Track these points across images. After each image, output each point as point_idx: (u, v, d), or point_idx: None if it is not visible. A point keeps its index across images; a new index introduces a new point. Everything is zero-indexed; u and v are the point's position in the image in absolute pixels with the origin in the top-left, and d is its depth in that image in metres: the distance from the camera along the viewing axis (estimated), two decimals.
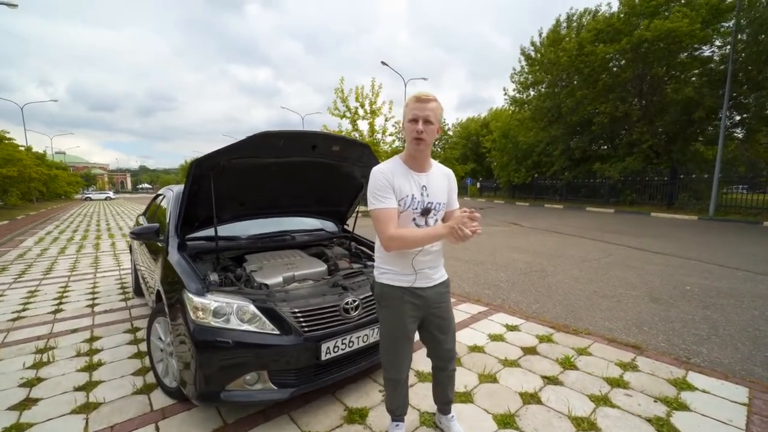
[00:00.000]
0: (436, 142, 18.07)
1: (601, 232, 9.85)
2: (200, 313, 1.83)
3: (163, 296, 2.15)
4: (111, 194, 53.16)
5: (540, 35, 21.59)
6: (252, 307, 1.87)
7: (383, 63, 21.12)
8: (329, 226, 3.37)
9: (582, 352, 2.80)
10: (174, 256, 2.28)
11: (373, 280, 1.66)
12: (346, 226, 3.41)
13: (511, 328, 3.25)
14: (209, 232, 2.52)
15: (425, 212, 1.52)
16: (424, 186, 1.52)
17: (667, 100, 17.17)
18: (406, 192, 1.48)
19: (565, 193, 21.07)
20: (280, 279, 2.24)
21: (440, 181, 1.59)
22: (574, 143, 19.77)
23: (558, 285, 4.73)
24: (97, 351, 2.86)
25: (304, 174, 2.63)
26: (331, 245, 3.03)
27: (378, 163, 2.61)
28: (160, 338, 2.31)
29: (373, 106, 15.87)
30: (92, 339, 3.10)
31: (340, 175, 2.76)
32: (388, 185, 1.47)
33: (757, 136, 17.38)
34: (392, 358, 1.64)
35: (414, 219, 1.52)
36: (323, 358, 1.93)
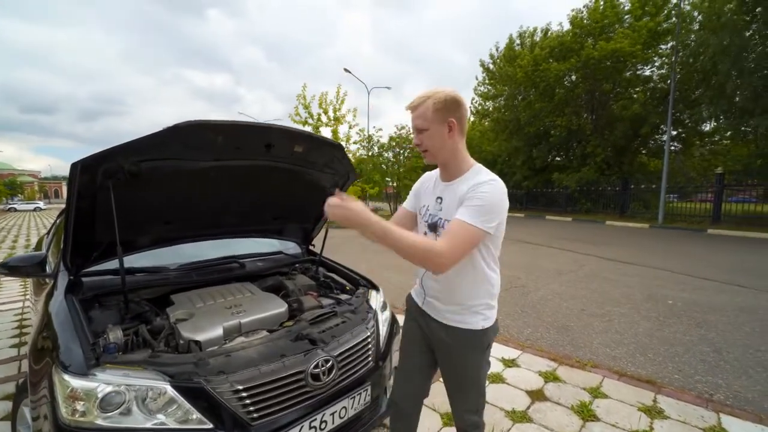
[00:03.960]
0: (402, 151, 17.80)
1: (567, 241, 9.92)
2: (79, 404, 1.14)
3: (29, 367, 1.41)
4: (41, 204, 47.47)
5: (497, 49, 22.34)
6: (168, 389, 1.20)
7: (346, 70, 20.66)
8: (290, 247, 2.72)
9: (596, 393, 2.38)
10: (56, 303, 1.55)
11: None
12: (311, 247, 2.78)
13: (509, 364, 2.78)
14: (117, 262, 1.79)
15: (432, 228, 1.30)
16: (439, 198, 1.30)
17: (614, 115, 18.33)
18: (423, 201, 1.37)
19: (525, 202, 21.69)
20: (218, 332, 1.58)
21: (459, 194, 1.20)
22: (535, 152, 20.45)
23: (543, 303, 4.39)
24: None
25: (256, 182, 1.99)
26: (293, 273, 2.38)
27: (352, 168, 2.05)
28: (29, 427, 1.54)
29: (338, 113, 15.29)
30: None
31: (303, 183, 2.15)
32: (415, 190, 1.45)
33: (691, 149, 19.05)
34: (396, 376, 1.54)
35: (425, 233, 1.33)
36: None
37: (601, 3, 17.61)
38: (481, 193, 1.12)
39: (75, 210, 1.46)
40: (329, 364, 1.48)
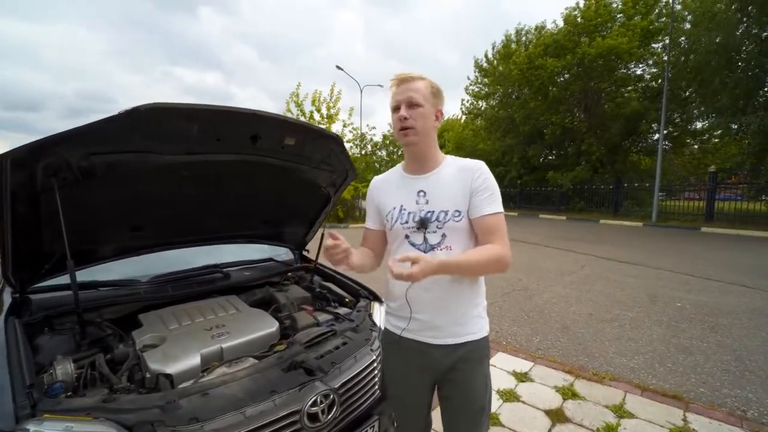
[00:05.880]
0: (394, 149, 17.60)
1: (563, 240, 9.80)
2: None
3: None
4: None
5: (493, 48, 22.24)
6: None
7: (338, 67, 20.31)
8: (281, 253, 2.45)
9: (620, 411, 2.17)
10: None
11: None
12: (305, 252, 2.51)
13: (521, 378, 2.56)
14: (82, 275, 1.50)
15: (422, 224, 1.11)
16: (421, 191, 1.14)
17: (606, 113, 18.33)
18: (392, 203, 1.18)
19: (518, 201, 21.63)
20: (195, 361, 1.31)
21: (450, 181, 1.12)
22: (530, 150, 20.39)
23: (549, 308, 4.19)
24: None
25: (240, 181, 1.73)
26: (286, 284, 2.12)
27: (351, 165, 1.79)
28: None
29: (331, 110, 14.94)
30: None
31: (296, 182, 1.89)
32: (372, 201, 1.28)
33: (682, 148, 19.20)
34: (402, 416, 1.32)
35: (407, 236, 1.14)
36: None
37: (593, 1, 17.58)
38: (487, 180, 1.11)
39: (12, 216, 1.18)
40: (330, 399, 1.22)
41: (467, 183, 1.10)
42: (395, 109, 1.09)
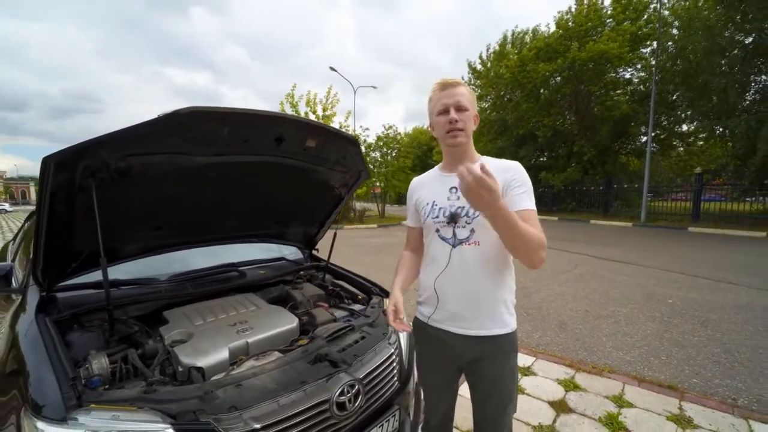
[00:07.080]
0: (389, 151, 17.67)
1: (557, 240, 9.97)
2: None
3: None
4: (7, 206, 45.26)
5: (487, 49, 22.49)
6: None
7: (332, 69, 20.33)
8: (291, 252, 2.50)
9: (619, 401, 2.27)
10: (25, 325, 1.30)
11: None
12: (315, 251, 2.56)
13: (525, 372, 2.65)
14: (98, 274, 1.53)
15: (452, 218, 1.16)
16: (453, 188, 1.19)
17: (596, 116, 18.70)
18: (427, 199, 1.25)
19: None
20: (224, 355, 1.36)
21: None
22: (522, 151, 20.66)
23: (547, 305, 4.30)
24: None
25: (260, 181, 1.78)
26: (299, 282, 2.17)
27: (365, 165, 1.86)
28: None
29: (327, 112, 14.96)
30: None
31: (311, 182, 1.95)
32: (411, 200, 1.35)
33: (668, 150, 19.67)
34: (426, 403, 1.44)
35: (437, 230, 1.20)
36: None
37: (585, 6, 17.94)
38: (521, 177, 1.14)
39: (48, 215, 1.21)
40: (355, 389, 1.28)
41: (501, 180, 1.09)
42: (443, 112, 1.14)
